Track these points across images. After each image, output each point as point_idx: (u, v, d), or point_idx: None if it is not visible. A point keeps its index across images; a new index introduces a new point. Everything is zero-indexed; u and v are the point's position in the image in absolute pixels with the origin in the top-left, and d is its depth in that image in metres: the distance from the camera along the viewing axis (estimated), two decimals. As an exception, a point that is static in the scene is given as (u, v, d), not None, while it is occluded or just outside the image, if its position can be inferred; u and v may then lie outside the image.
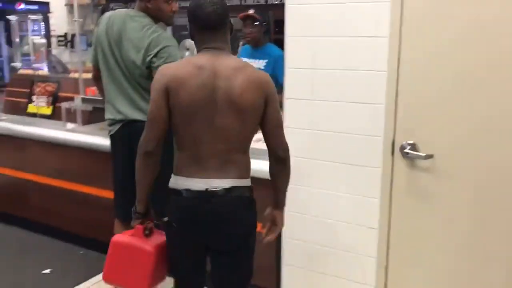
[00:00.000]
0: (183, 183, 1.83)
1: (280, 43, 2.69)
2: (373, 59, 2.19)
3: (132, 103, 2.55)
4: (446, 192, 2.15)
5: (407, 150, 2.17)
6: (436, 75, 2.10)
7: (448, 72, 2.07)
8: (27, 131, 3.50)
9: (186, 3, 1.91)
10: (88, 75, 3.09)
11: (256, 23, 3.38)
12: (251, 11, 3.37)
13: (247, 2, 4.75)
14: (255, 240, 1.96)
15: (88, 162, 3.24)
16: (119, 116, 2.58)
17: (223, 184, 1.81)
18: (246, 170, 1.90)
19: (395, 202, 2.26)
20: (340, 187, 2.37)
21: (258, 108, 1.81)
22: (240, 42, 3.43)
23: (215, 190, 1.80)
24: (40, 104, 3.85)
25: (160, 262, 1.94)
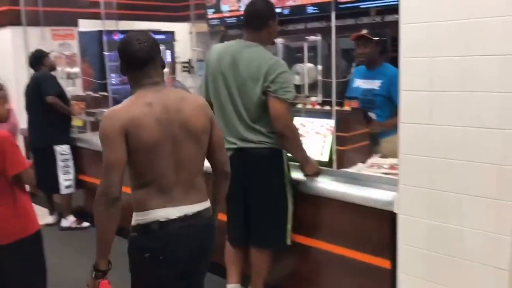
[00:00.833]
0: (155, 215, 1.86)
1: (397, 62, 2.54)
2: (504, 77, 1.94)
3: (246, 126, 2.60)
4: None
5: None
6: None
7: None
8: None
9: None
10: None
11: (369, 43, 3.25)
12: (364, 31, 3.25)
13: (362, 20, 4.60)
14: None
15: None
16: (230, 145, 2.65)
17: (194, 209, 1.92)
18: (205, 192, 2.01)
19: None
20: (464, 221, 2.14)
21: (208, 130, 1.97)
22: (353, 63, 3.31)
23: (191, 215, 1.90)
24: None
25: None
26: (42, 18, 5.38)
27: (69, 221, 4.59)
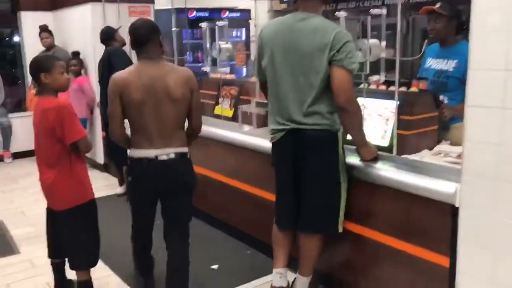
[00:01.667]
0: (139, 154, 2.57)
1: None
2: None
3: (302, 108, 2.46)
4: None
5: None
6: None
7: None
8: (210, 131, 3.71)
9: None
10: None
11: (441, 18, 2.93)
12: (437, 6, 2.93)
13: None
14: (194, 189, 2.72)
15: (260, 164, 3.27)
16: (280, 126, 2.53)
17: (167, 152, 2.55)
18: (182, 142, 2.62)
19: None
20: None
21: (186, 97, 2.55)
22: (426, 41, 3.02)
23: (161, 155, 2.54)
24: (224, 106, 4.06)
25: None
26: (120, -6, 5.52)
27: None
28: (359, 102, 2.47)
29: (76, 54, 5.69)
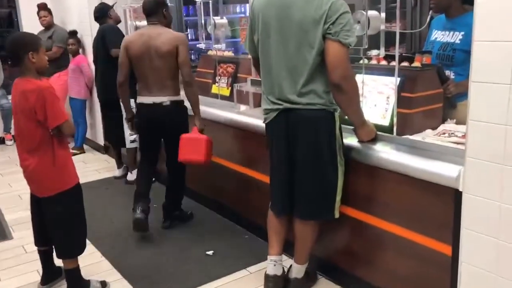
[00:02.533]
0: (141, 100, 3.32)
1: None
2: None
3: (296, 86, 2.30)
4: None
5: None
6: None
7: None
8: (207, 111, 3.55)
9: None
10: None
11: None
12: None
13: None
14: (184, 132, 3.28)
15: (256, 146, 3.12)
16: (273, 106, 2.37)
17: (161, 99, 3.25)
18: (175, 90, 3.31)
19: None
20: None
21: (173, 54, 3.19)
22: (430, 12, 2.80)
23: (157, 102, 3.25)
24: (221, 85, 3.89)
25: (209, 147, 3.21)
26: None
27: (134, 175, 4.62)
28: (358, 80, 2.28)
29: (73, 33, 5.53)
